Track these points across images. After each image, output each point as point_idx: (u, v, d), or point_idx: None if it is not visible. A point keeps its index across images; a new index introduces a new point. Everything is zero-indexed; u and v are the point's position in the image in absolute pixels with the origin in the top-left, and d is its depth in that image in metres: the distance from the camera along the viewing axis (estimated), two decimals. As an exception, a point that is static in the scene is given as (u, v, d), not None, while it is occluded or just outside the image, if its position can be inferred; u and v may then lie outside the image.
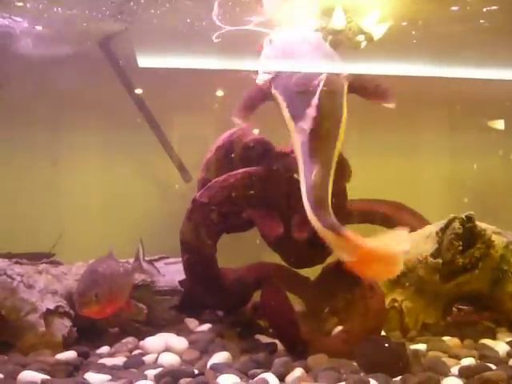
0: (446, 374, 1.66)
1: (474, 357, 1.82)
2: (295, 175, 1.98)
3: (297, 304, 2.21)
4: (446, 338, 2.01)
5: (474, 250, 2.03)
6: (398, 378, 1.60)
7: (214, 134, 2.18)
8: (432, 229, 2.14)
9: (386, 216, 2.52)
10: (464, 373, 1.66)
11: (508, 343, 1.95)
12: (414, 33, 2.46)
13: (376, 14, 2.45)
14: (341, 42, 2.46)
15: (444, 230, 2.06)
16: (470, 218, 2.03)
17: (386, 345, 1.69)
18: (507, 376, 1.61)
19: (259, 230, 2.15)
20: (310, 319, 2.10)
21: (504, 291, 2.10)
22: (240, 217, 2.00)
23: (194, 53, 2.59)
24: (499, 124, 2.72)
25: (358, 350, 1.72)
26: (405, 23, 2.40)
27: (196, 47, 2.50)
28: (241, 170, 1.88)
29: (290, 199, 1.94)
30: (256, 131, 2.03)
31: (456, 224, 2.03)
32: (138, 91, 2.58)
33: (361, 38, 2.49)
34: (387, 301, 2.08)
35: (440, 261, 2.03)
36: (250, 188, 1.87)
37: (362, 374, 1.63)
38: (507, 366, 1.74)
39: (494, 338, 2.04)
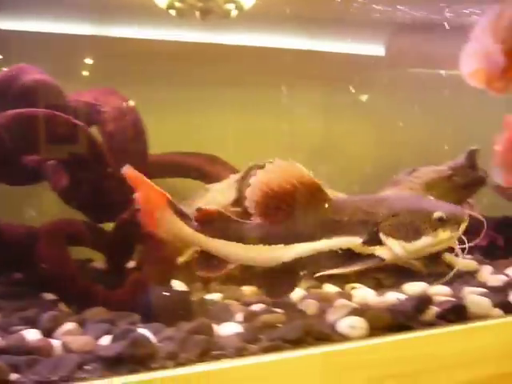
0: (229, 319, 1.63)
1: (264, 302, 1.80)
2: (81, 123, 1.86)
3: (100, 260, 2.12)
4: (245, 288, 1.97)
5: (273, 198, 2.00)
6: (176, 326, 1.53)
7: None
8: (235, 178, 2.09)
9: (199, 169, 2.45)
10: (248, 317, 1.63)
11: (306, 289, 1.95)
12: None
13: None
14: (211, 10, 2.35)
15: (244, 178, 2.01)
16: (269, 166, 1.99)
17: (166, 293, 1.61)
18: (287, 317, 1.60)
19: (47, 181, 2.00)
20: (112, 274, 2.00)
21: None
22: (19, 165, 1.83)
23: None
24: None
25: (138, 301, 1.64)
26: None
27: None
28: (14, 111, 1.70)
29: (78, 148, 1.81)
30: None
31: (254, 172, 1.98)
32: None
33: (231, 6, 2.39)
34: (189, 252, 2.02)
35: (239, 209, 1.99)
36: (24, 132, 1.70)
37: (139, 325, 1.55)
38: (295, 308, 1.74)
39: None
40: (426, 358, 1.60)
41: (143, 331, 1.44)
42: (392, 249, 1.48)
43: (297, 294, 1.89)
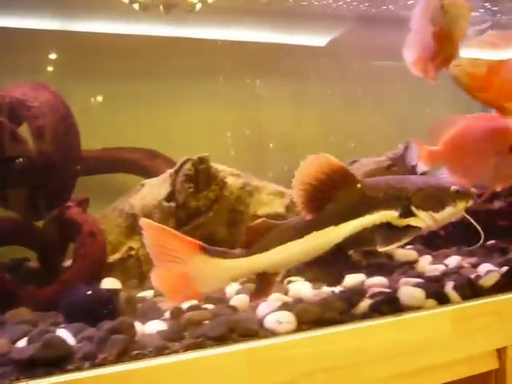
0: (157, 317, 1.60)
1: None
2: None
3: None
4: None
5: (207, 192, 1.98)
6: (100, 326, 1.49)
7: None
8: (170, 172, 2.06)
9: (139, 164, 2.41)
10: (174, 315, 1.60)
11: (241, 283, 1.93)
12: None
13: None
14: (175, 4, 2.30)
15: (177, 172, 1.98)
16: (203, 160, 1.97)
17: (89, 292, 1.57)
18: (212, 314, 1.58)
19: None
20: (45, 273, 1.95)
21: (240, 232, 2.08)
22: None
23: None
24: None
25: (63, 301, 1.60)
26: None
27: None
28: None
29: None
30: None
31: (187, 165, 1.96)
32: None
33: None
34: (123, 249, 1.98)
35: (173, 204, 1.96)
36: None
37: (62, 326, 1.51)
38: (226, 304, 1.71)
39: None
40: (357, 351, 1.60)
41: (62, 332, 1.40)
42: (423, 220, 1.63)
43: (231, 288, 1.88)
